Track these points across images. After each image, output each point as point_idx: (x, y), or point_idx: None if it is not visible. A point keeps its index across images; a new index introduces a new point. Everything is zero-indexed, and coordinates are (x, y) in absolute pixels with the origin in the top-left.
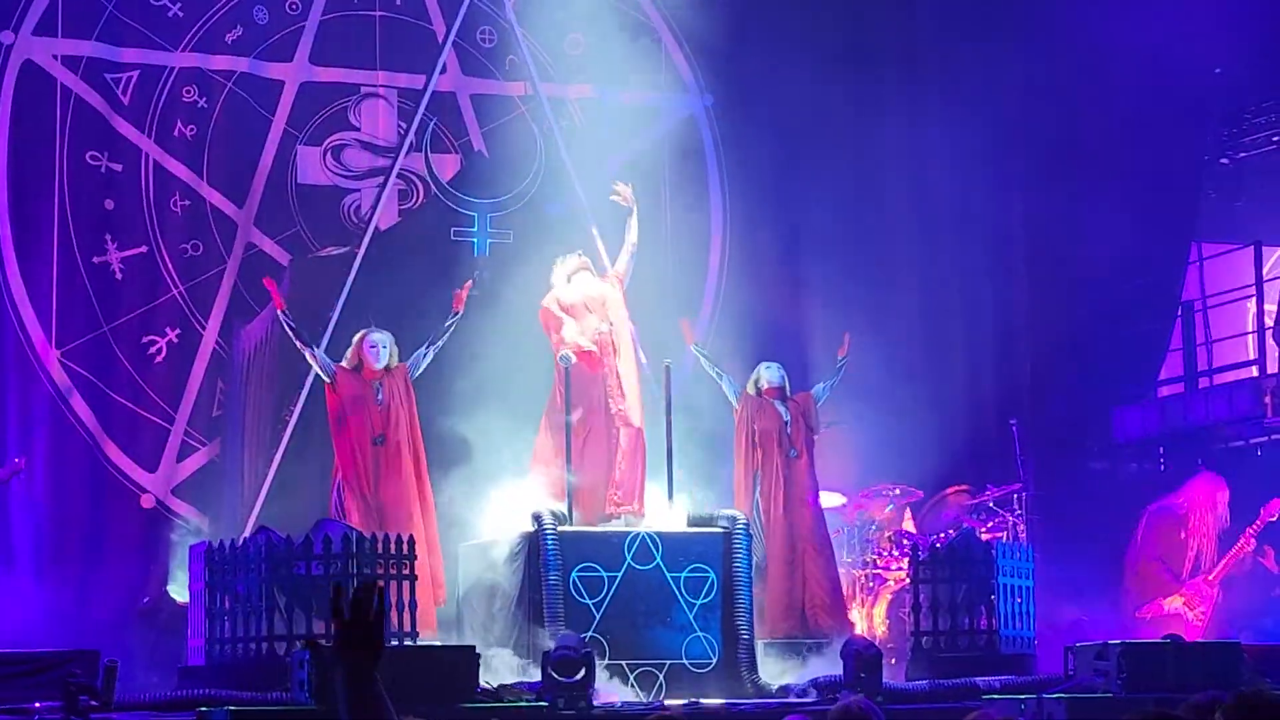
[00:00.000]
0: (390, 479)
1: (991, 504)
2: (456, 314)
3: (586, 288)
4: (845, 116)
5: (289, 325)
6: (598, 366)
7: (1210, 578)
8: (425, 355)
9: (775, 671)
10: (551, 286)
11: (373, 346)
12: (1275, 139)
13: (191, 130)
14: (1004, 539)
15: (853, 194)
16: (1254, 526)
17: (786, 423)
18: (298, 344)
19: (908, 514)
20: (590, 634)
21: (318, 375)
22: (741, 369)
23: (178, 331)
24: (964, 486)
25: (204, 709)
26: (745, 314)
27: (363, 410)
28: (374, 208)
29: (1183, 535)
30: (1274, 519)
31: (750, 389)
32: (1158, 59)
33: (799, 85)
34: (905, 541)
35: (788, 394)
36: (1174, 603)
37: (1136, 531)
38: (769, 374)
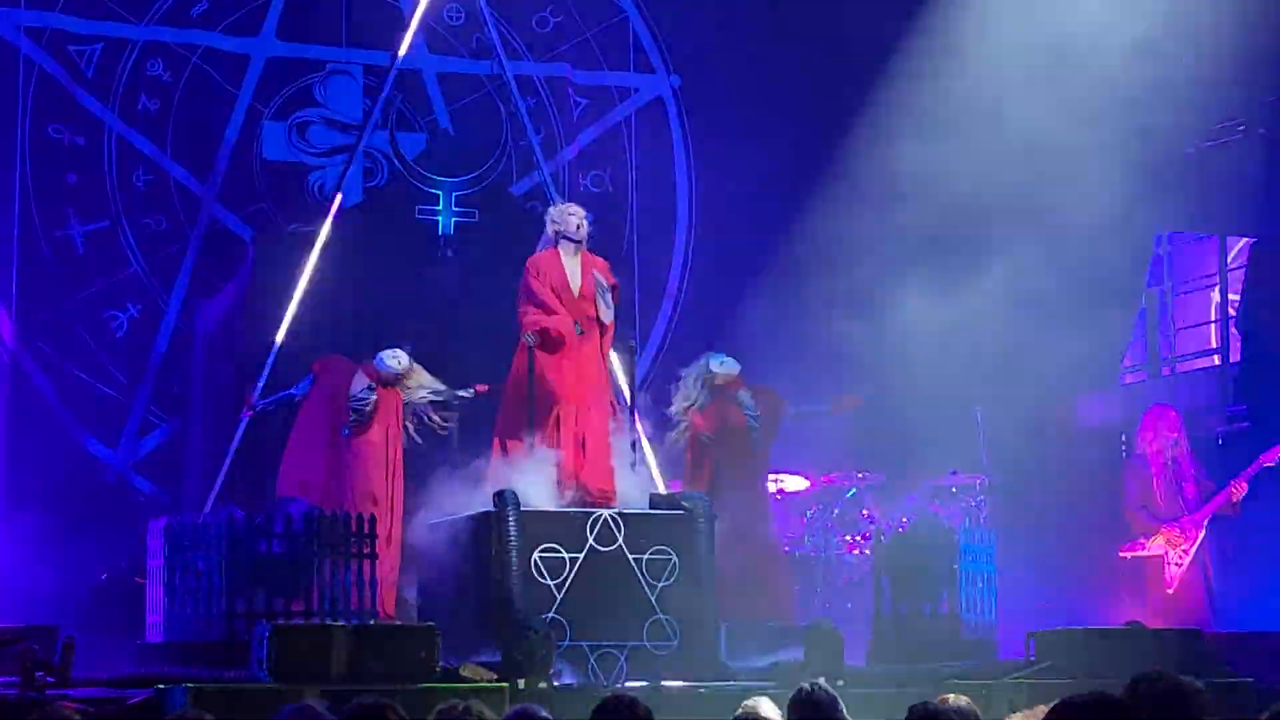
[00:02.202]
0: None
1: (954, 490)
2: (463, 399)
3: (569, 271)
4: (812, 100)
5: (264, 407)
6: (568, 350)
7: (1197, 518)
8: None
9: (737, 654)
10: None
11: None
12: (1241, 128)
13: (155, 104)
14: (966, 524)
15: (819, 178)
16: (1247, 471)
17: (750, 413)
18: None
19: (870, 498)
20: (551, 615)
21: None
22: (705, 352)
23: (139, 307)
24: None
25: (162, 686)
26: (711, 298)
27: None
28: (338, 185)
29: (1149, 472)
30: (1272, 464)
31: (704, 383)
32: (1127, 49)
33: (766, 68)
34: (868, 525)
35: (746, 382)
36: (1156, 542)
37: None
38: (725, 368)
